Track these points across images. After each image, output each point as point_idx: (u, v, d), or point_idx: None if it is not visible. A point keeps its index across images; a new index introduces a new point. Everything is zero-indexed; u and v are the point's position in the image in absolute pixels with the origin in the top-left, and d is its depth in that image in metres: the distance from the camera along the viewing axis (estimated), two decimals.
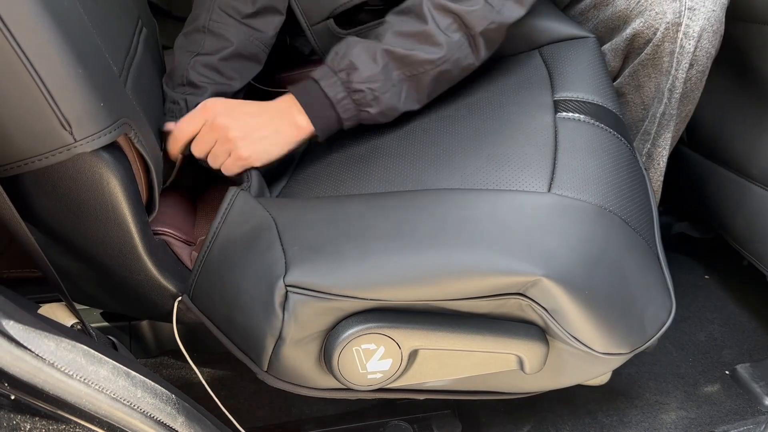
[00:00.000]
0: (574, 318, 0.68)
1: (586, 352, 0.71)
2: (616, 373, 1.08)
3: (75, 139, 0.60)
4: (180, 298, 0.74)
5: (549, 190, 0.72)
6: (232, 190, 0.76)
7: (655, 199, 0.86)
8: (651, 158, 1.03)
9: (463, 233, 0.69)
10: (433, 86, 0.83)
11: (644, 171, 0.87)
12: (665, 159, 0.98)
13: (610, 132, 0.83)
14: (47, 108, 0.58)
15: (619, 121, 0.86)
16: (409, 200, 0.75)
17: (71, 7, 0.63)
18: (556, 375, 0.76)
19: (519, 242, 0.68)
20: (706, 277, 1.29)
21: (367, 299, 0.67)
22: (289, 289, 0.66)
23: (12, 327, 0.48)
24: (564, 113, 0.83)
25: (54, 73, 0.57)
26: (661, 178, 1.04)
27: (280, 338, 0.68)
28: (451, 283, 0.67)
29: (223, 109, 0.81)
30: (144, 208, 0.73)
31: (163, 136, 0.85)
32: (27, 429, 0.49)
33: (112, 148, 0.66)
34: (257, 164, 0.81)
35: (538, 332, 0.75)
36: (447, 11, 0.79)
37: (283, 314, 0.66)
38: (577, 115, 0.83)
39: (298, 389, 0.73)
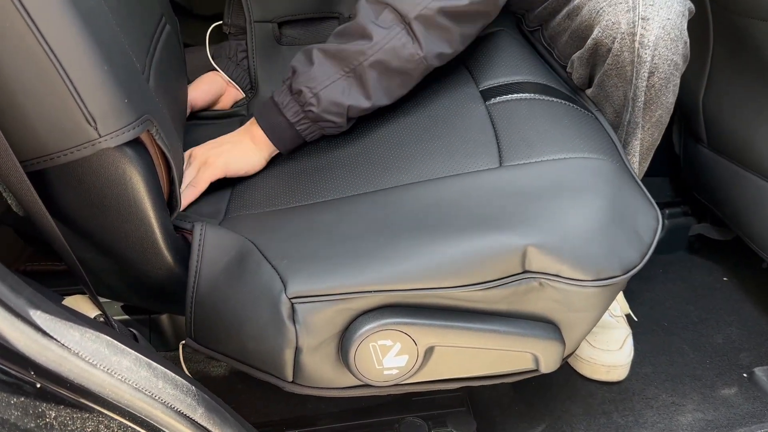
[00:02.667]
0: (580, 266, 0.70)
1: (610, 283, 0.71)
2: (633, 373, 1.08)
3: (100, 135, 0.62)
4: (184, 342, 0.76)
5: (501, 164, 0.79)
6: (198, 227, 0.75)
7: (611, 129, 0.90)
8: None
9: (443, 218, 0.73)
10: (378, 79, 0.84)
11: (593, 113, 0.92)
12: (636, 166, 0.99)
13: (538, 98, 0.88)
14: (73, 104, 0.59)
15: (548, 88, 0.91)
16: (379, 199, 0.78)
17: (96, 4, 0.64)
18: (598, 312, 0.76)
19: (492, 219, 0.72)
20: (725, 279, 1.28)
21: (370, 292, 0.68)
22: (293, 301, 0.68)
23: (39, 317, 0.49)
24: (493, 99, 0.88)
25: (80, 70, 0.59)
26: None
27: (297, 349, 0.70)
28: (448, 267, 0.69)
29: (201, 149, 0.90)
30: (165, 204, 0.74)
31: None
32: (52, 416, 0.50)
33: (135, 144, 0.67)
34: (227, 172, 0.87)
35: (554, 331, 0.75)
36: (378, 2, 0.83)
37: (295, 326, 0.68)
38: (504, 96, 0.89)
39: (324, 392, 0.75)
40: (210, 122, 1.04)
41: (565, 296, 0.71)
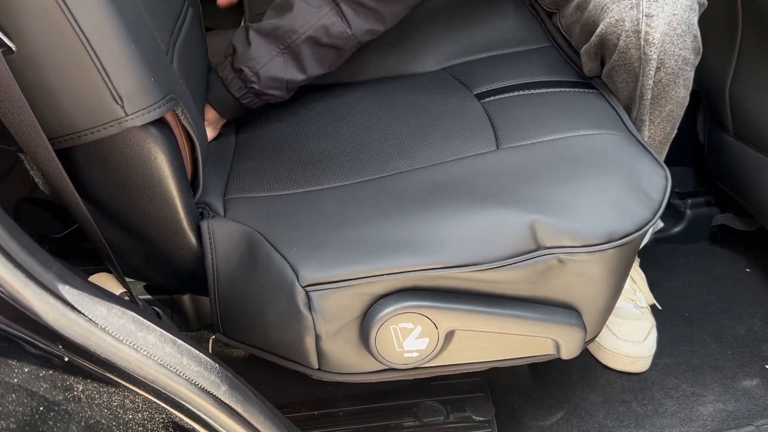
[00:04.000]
0: (591, 232, 0.70)
1: (625, 242, 0.71)
2: (653, 363, 1.07)
3: (126, 113, 0.62)
4: (214, 337, 0.78)
5: (498, 147, 0.82)
6: (204, 223, 0.75)
7: (616, 101, 0.90)
8: None
9: (447, 199, 0.75)
10: (312, 54, 0.90)
11: (598, 89, 0.92)
12: None
13: (533, 92, 0.91)
14: (101, 82, 0.60)
15: (542, 83, 0.93)
16: (381, 185, 0.80)
17: None
18: (618, 278, 0.76)
19: (494, 197, 0.74)
20: (748, 270, 1.27)
21: (382, 275, 0.69)
22: (307, 289, 0.69)
23: (67, 292, 0.50)
24: (487, 99, 0.91)
25: (108, 48, 0.59)
26: None
27: (317, 336, 0.71)
28: (458, 246, 0.70)
29: None
30: (189, 184, 0.74)
31: None
32: (79, 390, 0.51)
33: (160, 123, 0.67)
34: None
35: (576, 317, 0.75)
36: None
37: (311, 314, 0.69)
38: (498, 96, 0.91)
39: (349, 377, 0.76)
40: None
41: (585, 267, 0.71)
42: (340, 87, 1.01)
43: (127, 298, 0.64)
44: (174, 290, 0.90)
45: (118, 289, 0.65)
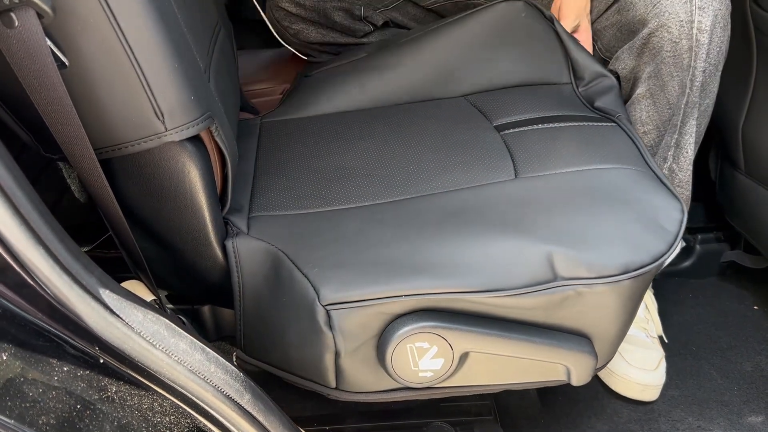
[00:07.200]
0: (607, 264, 0.72)
1: (641, 273, 0.73)
2: (660, 395, 1.08)
3: (166, 129, 0.65)
4: (235, 354, 0.80)
5: (516, 176, 0.84)
6: (229, 242, 0.76)
7: (635, 133, 0.93)
8: (679, 147, 1.06)
9: (466, 225, 0.77)
10: None
11: (615, 121, 0.95)
12: (692, 147, 1.03)
13: (551, 126, 0.93)
14: (145, 98, 0.63)
15: (560, 117, 0.96)
16: (401, 207, 0.82)
17: (169, 6, 0.68)
18: (631, 309, 0.78)
19: (512, 226, 0.75)
20: (756, 307, 1.28)
21: (401, 296, 0.71)
22: (327, 308, 0.71)
23: (107, 296, 0.52)
24: (506, 131, 0.94)
25: (154, 66, 0.62)
26: (690, 168, 1.06)
27: (337, 353, 0.73)
28: (474, 271, 0.72)
29: None
30: (218, 199, 0.77)
31: None
32: (113, 391, 0.53)
33: (195, 139, 0.70)
34: None
35: (587, 344, 0.77)
36: None
37: (332, 332, 0.71)
38: (517, 129, 0.94)
39: (364, 396, 0.77)
40: None
41: (600, 298, 0.73)
42: (363, 111, 1.04)
43: (156, 305, 0.66)
44: (196, 300, 0.92)
45: (148, 297, 0.67)
